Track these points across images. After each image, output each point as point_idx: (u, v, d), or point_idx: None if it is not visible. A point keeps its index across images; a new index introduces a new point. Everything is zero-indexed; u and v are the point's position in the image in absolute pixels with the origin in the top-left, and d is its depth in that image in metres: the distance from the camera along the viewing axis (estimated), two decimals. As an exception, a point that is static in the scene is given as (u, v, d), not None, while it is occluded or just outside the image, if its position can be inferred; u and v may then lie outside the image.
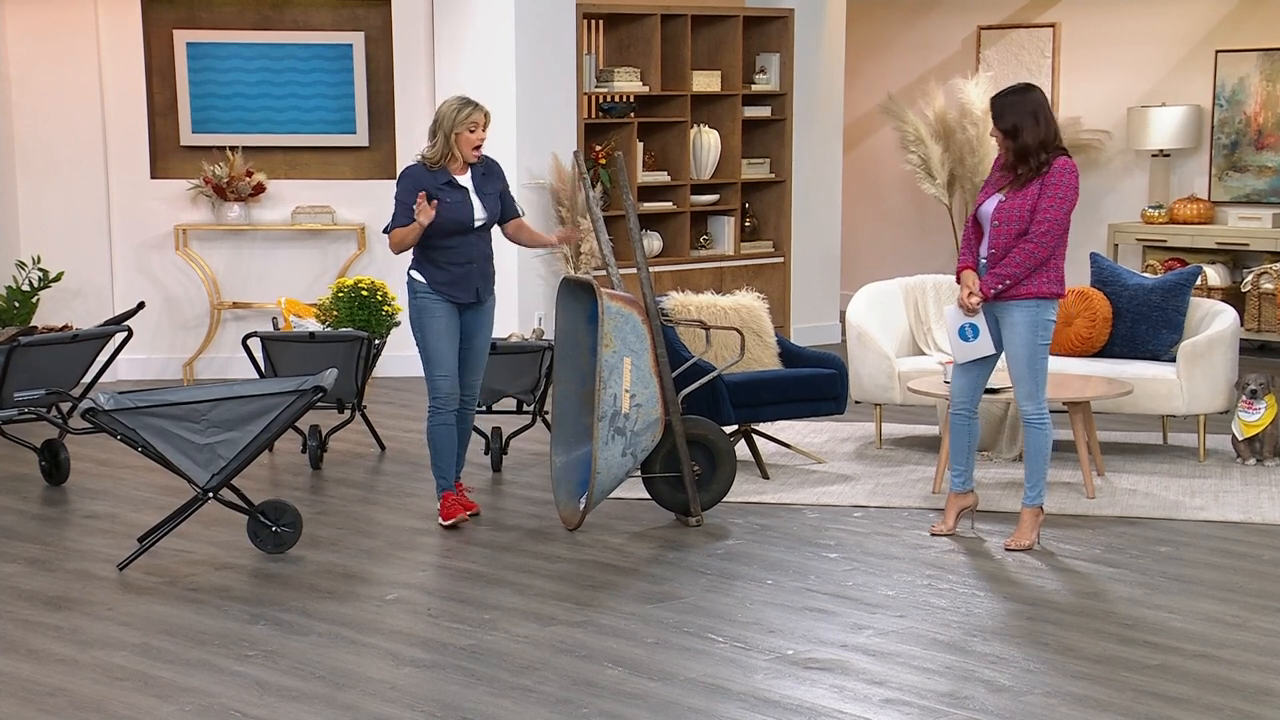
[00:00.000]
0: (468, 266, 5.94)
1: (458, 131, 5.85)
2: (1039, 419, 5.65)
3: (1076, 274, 10.37)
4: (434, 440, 6.02)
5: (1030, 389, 5.63)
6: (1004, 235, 5.55)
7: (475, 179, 5.96)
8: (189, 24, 9.14)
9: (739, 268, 10.03)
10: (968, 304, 5.61)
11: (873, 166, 11.97)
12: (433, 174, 5.89)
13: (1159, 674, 4.50)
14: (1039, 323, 5.59)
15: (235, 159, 9.03)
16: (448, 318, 5.94)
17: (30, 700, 4.32)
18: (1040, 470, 5.71)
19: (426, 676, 4.50)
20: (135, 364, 9.09)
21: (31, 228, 9.16)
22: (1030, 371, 5.61)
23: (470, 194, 5.94)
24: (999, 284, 5.54)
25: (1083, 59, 10.86)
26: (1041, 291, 5.56)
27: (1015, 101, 5.53)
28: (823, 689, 4.39)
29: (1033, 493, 5.75)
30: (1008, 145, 5.55)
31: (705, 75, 9.83)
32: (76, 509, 6.47)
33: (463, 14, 9.05)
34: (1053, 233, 5.50)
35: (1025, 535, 5.76)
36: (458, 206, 5.89)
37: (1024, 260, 5.51)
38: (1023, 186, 5.55)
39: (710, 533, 6.02)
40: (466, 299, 5.96)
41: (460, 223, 5.90)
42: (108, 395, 5.48)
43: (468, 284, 5.94)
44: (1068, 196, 5.51)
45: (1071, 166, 5.55)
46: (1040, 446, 5.68)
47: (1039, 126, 5.51)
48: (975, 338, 5.66)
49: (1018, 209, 5.53)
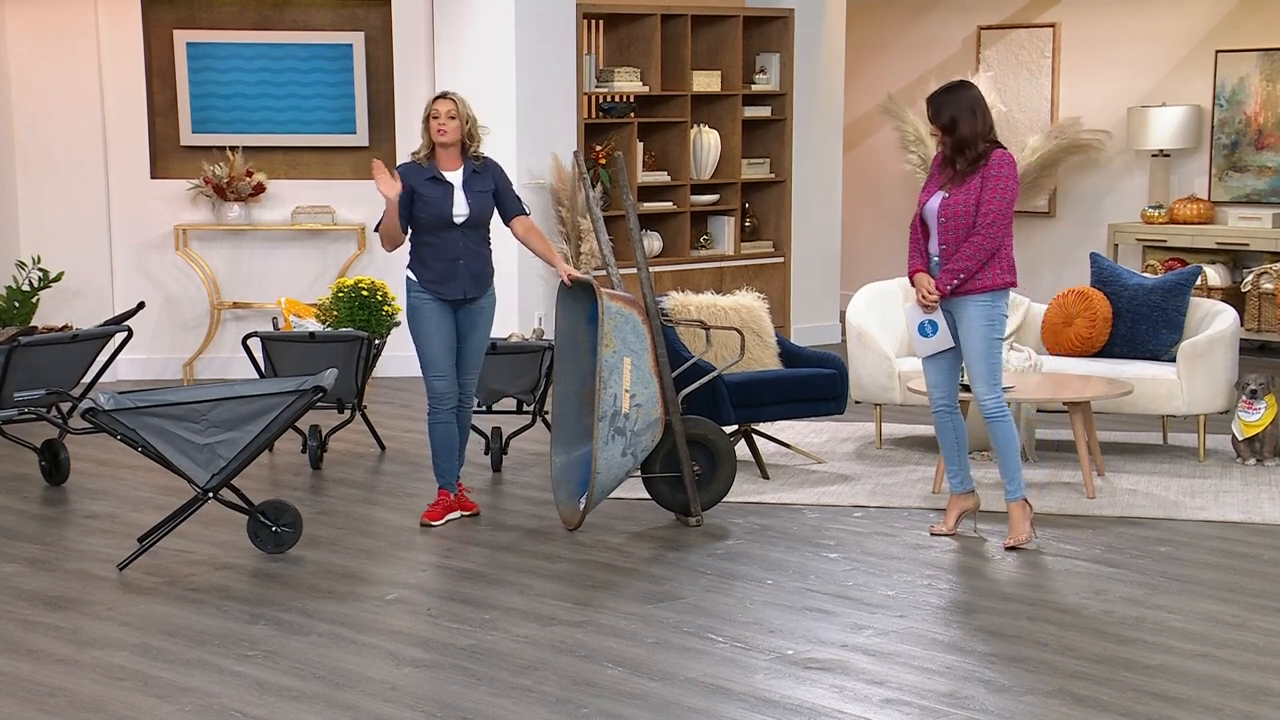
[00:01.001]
0: (454, 263, 5.95)
1: (426, 117, 5.94)
2: (999, 411, 5.72)
3: (1077, 274, 10.42)
4: (432, 440, 6.07)
5: (990, 382, 5.71)
6: (952, 231, 5.65)
7: (465, 175, 5.98)
8: (189, 24, 9.14)
9: (739, 268, 10.03)
10: (926, 303, 5.70)
11: (873, 166, 11.97)
12: (420, 170, 5.94)
13: (1159, 674, 4.50)
14: (993, 316, 5.68)
15: (235, 159, 9.03)
16: (439, 316, 5.96)
17: (30, 700, 4.32)
18: (1013, 462, 5.75)
19: (426, 676, 4.50)
20: (135, 364, 9.09)
21: (31, 228, 9.16)
22: (987, 365, 5.70)
23: (455, 190, 5.95)
24: (954, 279, 5.64)
25: (1083, 59, 10.86)
26: (995, 284, 5.66)
27: (952, 99, 5.66)
28: (823, 689, 4.39)
29: (1012, 486, 5.78)
30: (946, 140, 5.67)
31: (705, 75, 9.83)
32: (76, 509, 6.47)
33: (463, 14, 9.04)
34: (998, 223, 5.60)
35: (1020, 530, 5.78)
36: (438, 201, 5.92)
37: (974, 253, 5.60)
38: (963, 182, 5.65)
39: (710, 533, 6.02)
40: (454, 295, 5.96)
41: (440, 217, 5.92)
42: (108, 395, 5.48)
43: (454, 281, 5.95)
44: (1009, 186, 5.62)
45: (1009, 158, 5.66)
46: (1008, 439, 5.73)
47: (975, 119, 5.63)
48: (935, 333, 5.77)
49: (963, 204, 5.63)
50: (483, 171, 6.01)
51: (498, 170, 6.09)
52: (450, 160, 5.96)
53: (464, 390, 6.11)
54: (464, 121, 5.92)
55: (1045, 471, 6.92)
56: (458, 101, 5.94)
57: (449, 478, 6.12)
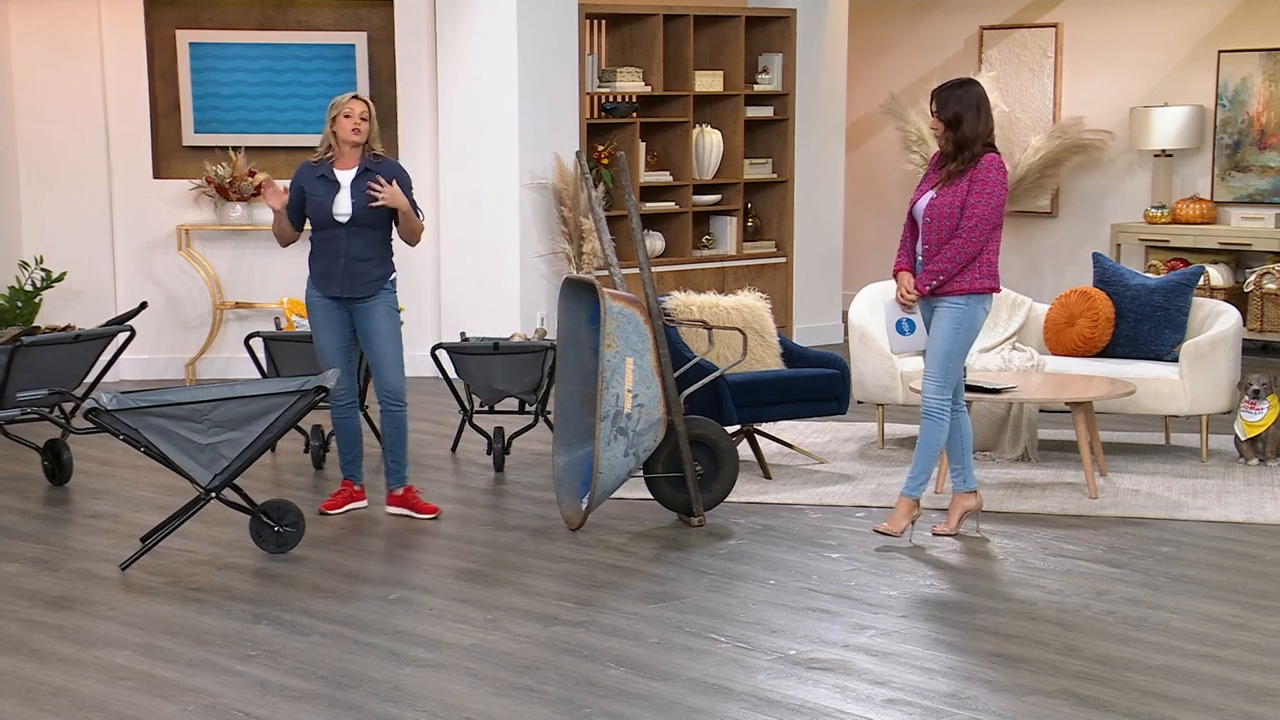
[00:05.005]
0: (335, 261, 6.02)
1: (333, 115, 6.01)
2: (939, 411, 5.70)
3: (1079, 274, 10.42)
4: (335, 432, 6.30)
5: (939, 381, 5.69)
6: (936, 232, 5.64)
7: (356, 174, 6.01)
8: (192, 24, 9.14)
9: (741, 268, 10.03)
10: (904, 302, 5.70)
11: (875, 166, 11.97)
12: (314, 169, 6.04)
13: (1161, 674, 4.50)
14: (965, 319, 5.66)
15: (238, 159, 9.03)
16: (325, 313, 6.09)
17: (33, 700, 4.32)
18: (926, 463, 5.75)
19: (429, 676, 4.50)
20: (138, 364, 9.09)
21: (34, 228, 9.17)
22: (944, 366, 5.68)
23: (342, 189, 5.99)
24: (933, 280, 5.63)
25: (1085, 59, 10.85)
26: (974, 287, 5.64)
27: (959, 94, 5.63)
28: (825, 689, 4.39)
29: (912, 484, 5.78)
30: (948, 136, 5.64)
31: (707, 75, 9.83)
32: (79, 509, 6.48)
33: (465, 14, 9.05)
34: (981, 228, 5.58)
35: (896, 522, 5.80)
36: (322, 199, 6.00)
37: (954, 256, 5.59)
38: (952, 183, 5.63)
39: (712, 533, 6.02)
40: (333, 293, 6.05)
41: (323, 215, 6.01)
42: (110, 395, 5.48)
43: (334, 279, 6.04)
44: (996, 192, 5.60)
45: (999, 163, 5.64)
46: (931, 439, 5.72)
47: (979, 119, 5.61)
48: (912, 332, 5.78)
49: (948, 205, 5.62)
50: (377, 169, 6.02)
51: (396, 171, 6.08)
52: (349, 159, 6.03)
53: (386, 389, 6.11)
54: (372, 124, 6.02)
55: (1048, 472, 6.91)
56: (370, 105, 6.05)
57: (351, 469, 6.31)
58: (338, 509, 6.27)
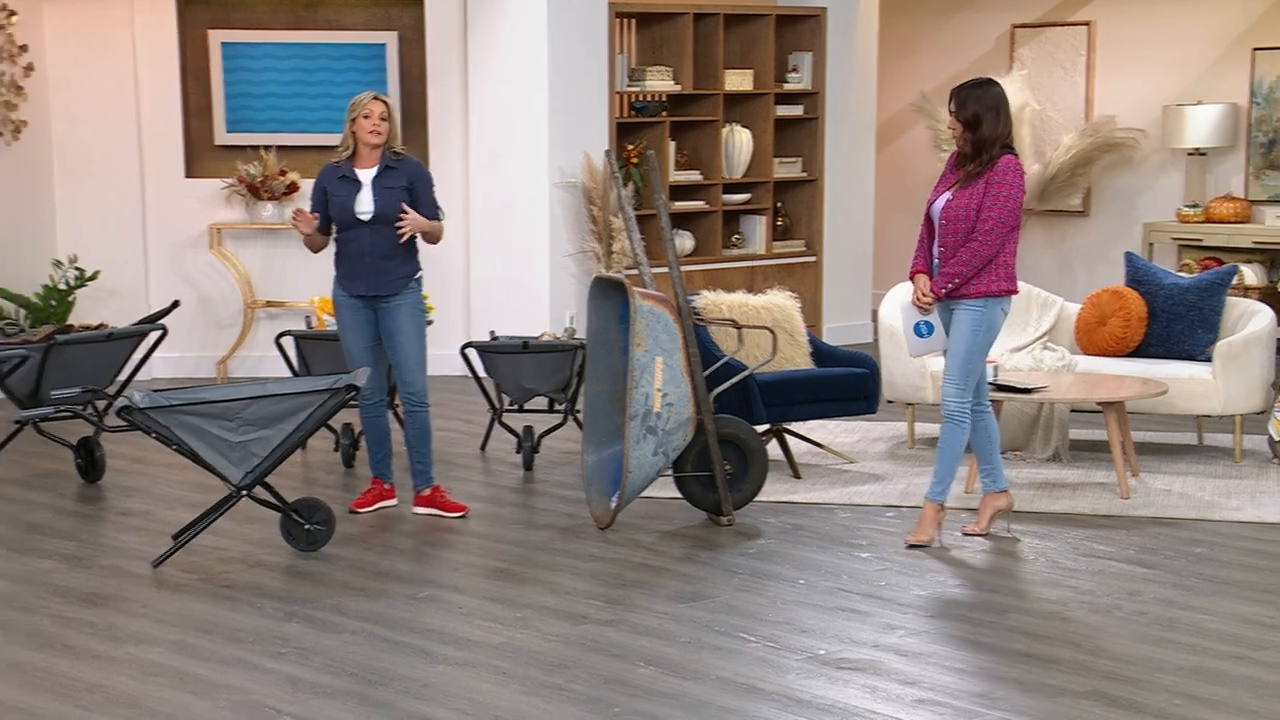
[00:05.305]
0: (358, 260, 6.06)
1: (353, 116, 6.03)
2: (960, 414, 5.68)
3: (1111, 273, 10.36)
4: (364, 431, 6.31)
5: (959, 384, 5.66)
6: (952, 234, 5.60)
7: (377, 173, 6.04)
8: (223, 24, 9.19)
9: (771, 267, 10.01)
10: (921, 304, 5.67)
11: (906, 165, 11.93)
12: (335, 169, 6.08)
13: (1193, 675, 4.47)
14: (984, 322, 5.62)
15: (269, 158, 9.07)
16: (352, 313, 6.12)
17: (67, 696, 4.35)
18: (949, 466, 5.72)
19: (459, 674, 4.51)
20: (169, 362, 9.14)
21: (68, 227, 9.23)
22: (964, 369, 5.65)
23: (364, 188, 6.02)
24: (948, 283, 5.60)
25: (1118, 57, 10.79)
26: (991, 290, 5.60)
27: (980, 94, 5.60)
28: (855, 689, 4.38)
29: (938, 488, 5.76)
30: (966, 137, 5.60)
31: (737, 74, 9.82)
32: (112, 506, 6.52)
33: (496, 13, 9.06)
34: (997, 230, 5.54)
35: (924, 531, 5.77)
36: (344, 199, 6.04)
37: (970, 259, 5.56)
38: (968, 185, 5.59)
39: (742, 532, 6.02)
40: (359, 291, 6.09)
41: (345, 215, 6.04)
42: (143, 393, 5.52)
43: (359, 278, 6.07)
44: (1013, 195, 5.55)
45: (1017, 165, 5.59)
46: (952, 443, 5.70)
47: (998, 121, 5.58)
48: (930, 334, 5.74)
49: (964, 207, 5.58)
50: (398, 167, 6.06)
51: (417, 170, 6.12)
52: (369, 158, 6.05)
53: (408, 389, 6.14)
54: (392, 124, 6.05)
55: (1079, 472, 6.88)
56: (389, 104, 6.07)
57: (381, 468, 6.33)
58: (368, 507, 6.30)
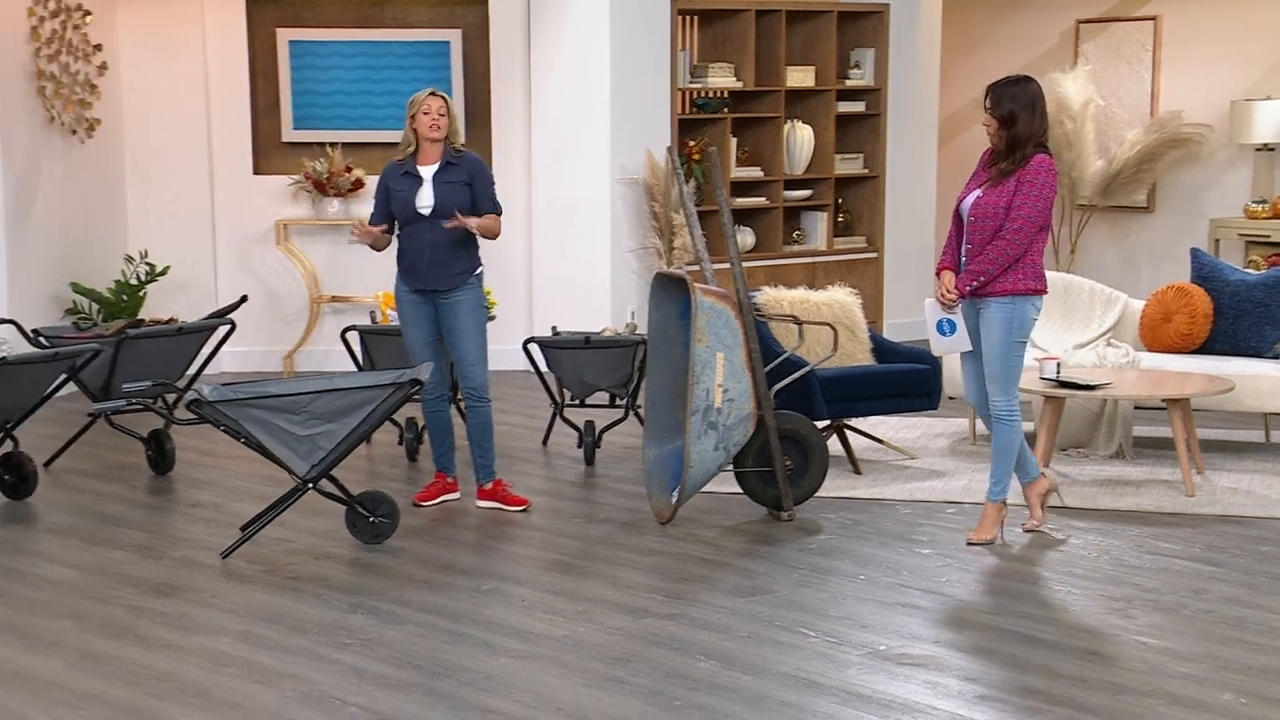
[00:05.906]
0: (418, 255, 6.11)
1: (412, 113, 6.11)
2: (1009, 415, 5.64)
3: (1176, 269, 10.25)
4: (427, 425, 6.38)
5: (1003, 384, 5.63)
6: (980, 231, 5.56)
7: (438, 168, 6.10)
8: (291, 23, 9.29)
9: (832, 263, 10.00)
10: (945, 302, 5.62)
11: (968, 161, 11.78)
12: (398, 166, 6.16)
13: (1262, 675, 4.44)
14: (1015, 319, 5.58)
15: (335, 155, 9.17)
16: (413, 308, 6.18)
17: (138, 684, 4.44)
18: (1005, 466, 5.69)
19: (521, 667, 4.56)
20: (237, 356, 9.26)
21: (139, 223, 9.38)
22: (1004, 368, 5.61)
23: (425, 183, 6.08)
24: (974, 281, 5.55)
25: (1184, 52, 10.68)
26: (1018, 288, 5.55)
27: (1016, 91, 5.55)
28: (915, 685, 4.39)
29: (996, 488, 5.73)
30: (1001, 134, 5.55)
31: (799, 71, 9.81)
32: (181, 498, 6.62)
33: (559, 11, 9.11)
34: (1026, 229, 5.49)
35: (986, 530, 5.75)
36: (405, 194, 6.11)
37: (997, 257, 5.51)
38: (999, 183, 5.55)
39: (802, 527, 6.03)
40: (419, 286, 6.14)
41: (407, 210, 6.11)
42: (211, 387, 5.60)
43: (419, 273, 6.13)
44: (1043, 194, 5.50)
45: (1049, 164, 5.53)
46: (1006, 442, 5.66)
47: (1034, 119, 5.53)
48: (953, 333, 5.68)
49: (993, 205, 5.54)
50: (458, 164, 6.12)
51: (476, 166, 6.17)
52: (431, 155, 6.12)
53: (469, 384, 6.19)
54: (451, 119, 6.11)
55: (1143, 469, 6.83)
56: (448, 100, 6.13)
57: (444, 461, 6.38)
58: (431, 500, 6.36)
